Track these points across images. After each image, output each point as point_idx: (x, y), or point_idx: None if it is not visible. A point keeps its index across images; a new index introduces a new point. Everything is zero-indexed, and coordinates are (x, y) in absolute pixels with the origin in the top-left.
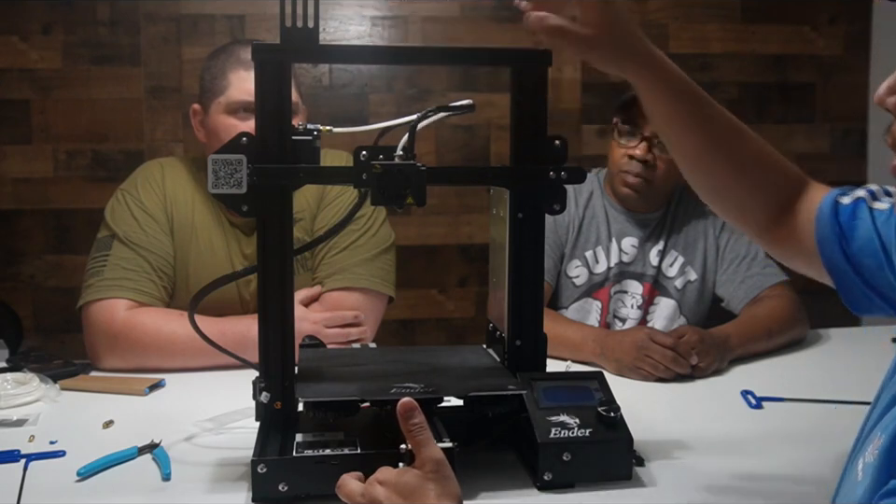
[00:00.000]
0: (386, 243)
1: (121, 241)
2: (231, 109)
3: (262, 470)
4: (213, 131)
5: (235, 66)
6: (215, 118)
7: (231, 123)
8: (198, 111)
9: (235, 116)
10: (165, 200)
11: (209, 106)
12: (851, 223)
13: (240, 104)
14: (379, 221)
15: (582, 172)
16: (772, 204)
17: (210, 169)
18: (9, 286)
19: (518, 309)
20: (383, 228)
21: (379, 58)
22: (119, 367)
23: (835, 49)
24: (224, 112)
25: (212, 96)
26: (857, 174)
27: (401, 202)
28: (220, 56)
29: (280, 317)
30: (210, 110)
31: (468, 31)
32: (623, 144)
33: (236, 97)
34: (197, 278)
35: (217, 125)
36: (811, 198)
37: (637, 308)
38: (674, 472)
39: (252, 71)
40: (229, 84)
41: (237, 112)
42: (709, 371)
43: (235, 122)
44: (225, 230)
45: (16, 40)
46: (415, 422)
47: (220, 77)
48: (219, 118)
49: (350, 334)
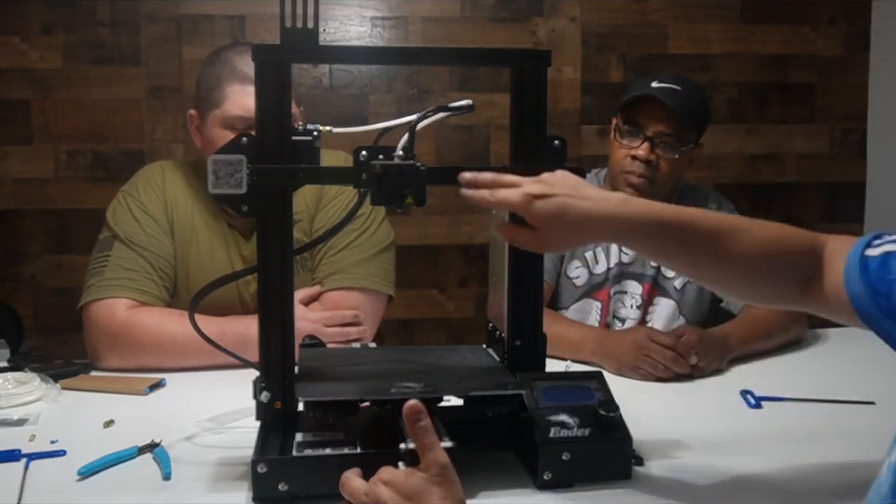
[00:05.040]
0: (386, 241)
1: (122, 241)
2: (227, 124)
3: (262, 470)
4: (210, 141)
5: (231, 79)
6: (211, 129)
7: (227, 136)
8: (194, 117)
9: (232, 130)
10: (166, 202)
11: (206, 116)
12: (884, 278)
13: (236, 119)
14: (378, 220)
15: (582, 172)
16: (797, 281)
17: (210, 169)
18: (10, 286)
19: (518, 309)
20: (382, 227)
21: (379, 58)
22: (119, 366)
23: (835, 48)
24: (220, 125)
25: (208, 107)
26: (857, 174)
27: (401, 202)
28: (216, 65)
29: (280, 317)
30: (207, 120)
31: (468, 31)
32: (626, 144)
33: (232, 112)
34: (197, 280)
35: (213, 137)
36: (833, 257)
37: (637, 308)
38: (673, 472)
39: (248, 85)
40: (225, 98)
41: (234, 126)
42: (709, 371)
43: (231, 136)
44: (224, 232)
45: (16, 40)
46: (422, 425)
47: (217, 88)
48: (215, 130)
49: (350, 333)
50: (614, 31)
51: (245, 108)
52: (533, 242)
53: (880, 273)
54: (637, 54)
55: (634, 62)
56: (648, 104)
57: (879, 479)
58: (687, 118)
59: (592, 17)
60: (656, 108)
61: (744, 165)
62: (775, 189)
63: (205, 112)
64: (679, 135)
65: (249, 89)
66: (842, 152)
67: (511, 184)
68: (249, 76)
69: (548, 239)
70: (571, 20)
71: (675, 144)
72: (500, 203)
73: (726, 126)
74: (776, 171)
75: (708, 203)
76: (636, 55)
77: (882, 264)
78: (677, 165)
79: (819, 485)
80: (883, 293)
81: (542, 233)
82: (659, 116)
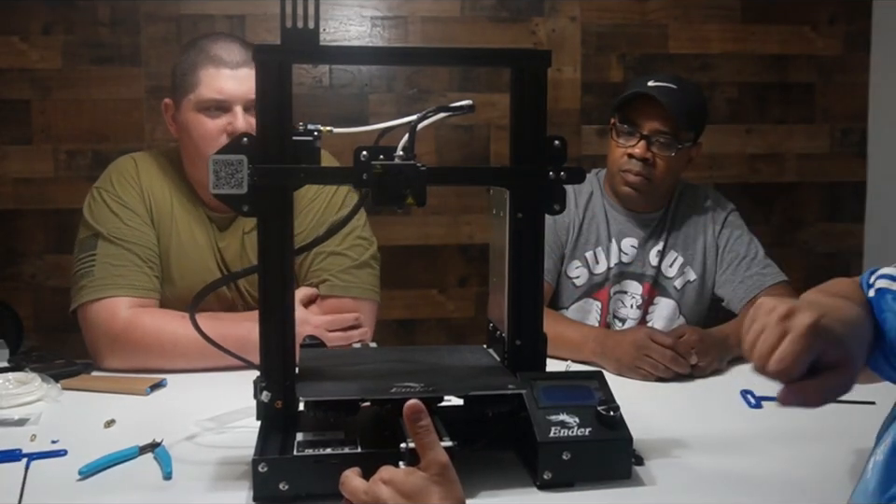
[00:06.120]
0: (372, 247)
1: (106, 238)
2: (201, 107)
3: (263, 470)
4: (184, 127)
5: (205, 63)
6: (185, 114)
7: (201, 121)
8: (169, 106)
9: (206, 113)
10: (143, 193)
11: (180, 102)
12: (880, 317)
13: (210, 102)
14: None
15: (582, 172)
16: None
17: (211, 169)
18: (10, 286)
19: (518, 309)
20: (365, 230)
21: (379, 58)
22: (120, 367)
23: (835, 48)
24: (194, 109)
25: (183, 93)
26: (857, 173)
27: (402, 202)
28: (191, 52)
29: (281, 317)
30: (181, 106)
31: (467, 31)
32: (622, 143)
33: (206, 95)
34: (180, 268)
35: (187, 122)
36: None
37: (637, 308)
38: (673, 472)
39: (222, 68)
40: (199, 82)
41: (208, 110)
42: (709, 371)
43: (205, 119)
44: (203, 218)
45: (16, 40)
46: (422, 424)
47: (190, 73)
48: (190, 115)
49: (352, 337)
50: (614, 31)
51: (219, 90)
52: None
53: (875, 313)
54: (637, 54)
55: (634, 62)
56: (644, 102)
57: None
58: (683, 116)
59: (592, 17)
60: (652, 107)
61: (744, 165)
62: (775, 189)
63: (180, 98)
64: (675, 134)
65: (223, 72)
66: (842, 152)
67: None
68: (223, 59)
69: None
70: (571, 19)
71: (671, 142)
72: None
73: (726, 126)
74: (776, 171)
75: (707, 202)
76: (636, 55)
77: (876, 303)
78: (674, 164)
79: (820, 485)
80: (877, 333)
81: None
82: (655, 114)
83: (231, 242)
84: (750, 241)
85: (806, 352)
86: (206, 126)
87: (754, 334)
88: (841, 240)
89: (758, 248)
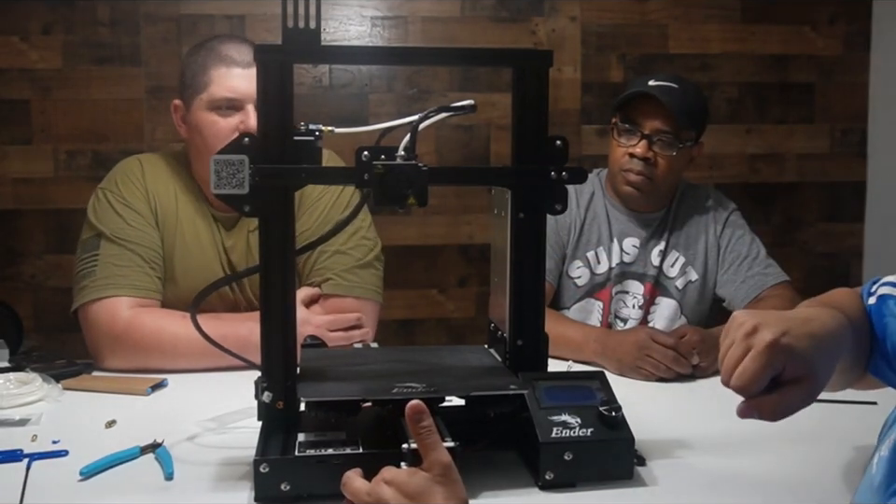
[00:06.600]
0: (376, 247)
1: (109, 239)
2: (213, 106)
3: (264, 470)
4: (195, 127)
5: (217, 63)
6: (197, 114)
7: (213, 120)
8: (179, 107)
9: (218, 112)
10: (147, 194)
11: (191, 103)
12: (880, 322)
13: (222, 100)
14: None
15: (583, 172)
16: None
17: (212, 169)
18: (10, 286)
19: (519, 309)
20: (370, 231)
21: (379, 58)
22: (121, 367)
23: (835, 48)
24: (206, 109)
25: (193, 92)
26: (857, 173)
27: (403, 202)
28: (201, 52)
29: (282, 317)
30: (192, 106)
31: (467, 31)
32: (623, 143)
33: (218, 94)
34: (184, 269)
35: (199, 121)
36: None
37: (639, 308)
38: (675, 472)
39: (233, 67)
40: (210, 81)
41: (220, 109)
42: (710, 371)
43: (217, 119)
44: (209, 218)
45: (16, 40)
46: (425, 424)
47: (201, 73)
48: (201, 114)
49: (353, 337)
50: (614, 31)
51: (231, 89)
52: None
53: (876, 319)
54: (637, 54)
55: (634, 61)
56: (645, 102)
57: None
58: (684, 115)
59: (592, 17)
60: (653, 106)
61: (744, 165)
62: (775, 189)
63: (190, 99)
64: (676, 133)
65: (235, 71)
66: (842, 152)
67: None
68: (234, 58)
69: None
70: (571, 19)
71: (672, 141)
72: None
73: (726, 126)
74: (776, 171)
75: (709, 202)
76: (636, 55)
77: (878, 310)
78: (675, 163)
79: (820, 485)
80: (879, 338)
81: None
82: (656, 113)
83: (237, 241)
84: (752, 241)
85: (765, 369)
86: (219, 125)
87: (724, 348)
88: (841, 240)
89: (759, 248)
